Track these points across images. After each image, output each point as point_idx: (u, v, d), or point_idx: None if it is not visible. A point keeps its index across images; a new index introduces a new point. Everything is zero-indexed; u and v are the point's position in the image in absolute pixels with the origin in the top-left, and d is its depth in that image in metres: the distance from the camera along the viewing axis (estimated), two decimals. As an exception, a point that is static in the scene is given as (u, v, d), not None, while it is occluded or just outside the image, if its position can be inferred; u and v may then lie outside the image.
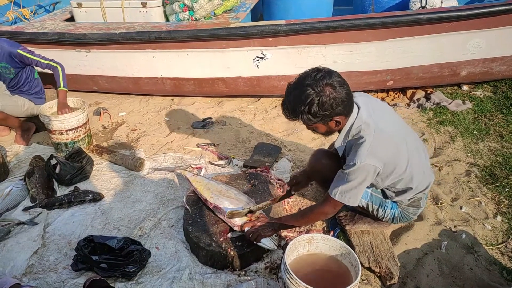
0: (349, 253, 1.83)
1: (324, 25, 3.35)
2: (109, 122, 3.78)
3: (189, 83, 3.92)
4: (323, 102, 1.74)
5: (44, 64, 3.31)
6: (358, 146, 1.83)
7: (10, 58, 3.24)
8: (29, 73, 3.46)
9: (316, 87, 1.74)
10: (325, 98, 1.74)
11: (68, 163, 2.84)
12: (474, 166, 2.84)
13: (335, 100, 1.76)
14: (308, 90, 1.75)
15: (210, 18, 3.86)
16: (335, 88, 1.75)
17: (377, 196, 2.12)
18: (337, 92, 1.76)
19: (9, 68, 3.29)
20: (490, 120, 3.36)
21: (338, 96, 1.76)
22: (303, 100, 1.77)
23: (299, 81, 1.81)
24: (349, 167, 1.83)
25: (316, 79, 1.75)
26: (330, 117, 1.81)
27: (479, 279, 2.01)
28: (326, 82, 1.75)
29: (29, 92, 3.49)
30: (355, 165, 1.81)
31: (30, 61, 3.30)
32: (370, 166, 1.81)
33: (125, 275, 2.04)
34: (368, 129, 1.85)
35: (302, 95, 1.77)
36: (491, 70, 3.62)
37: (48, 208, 2.59)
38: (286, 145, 3.23)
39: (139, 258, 2.07)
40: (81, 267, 2.08)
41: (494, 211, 2.45)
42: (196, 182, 2.52)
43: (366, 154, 1.80)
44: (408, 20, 3.28)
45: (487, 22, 3.29)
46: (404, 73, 3.62)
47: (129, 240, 2.17)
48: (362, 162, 1.80)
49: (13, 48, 3.24)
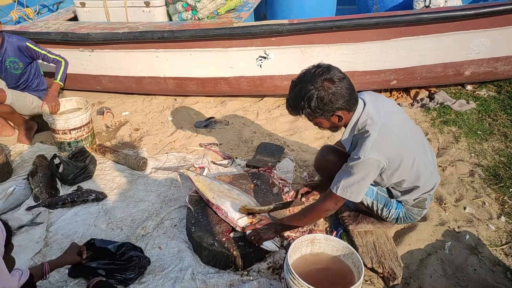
0: (352, 254, 1.82)
1: (327, 25, 3.34)
2: (112, 121, 3.79)
3: (192, 83, 3.92)
4: (322, 96, 1.77)
5: (51, 59, 3.36)
6: (363, 140, 1.83)
7: (19, 52, 3.29)
8: (36, 68, 3.50)
9: (315, 82, 1.78)
10: (323, 93, 1.77)
11: (71, 163, 2.84)
12: (478, 167, 2.82)
13: (334, 95, 1.78)
14: (307, 85, 1.79)
15: (213, 17, 3.86)
16: (334, 83, 1.78)
17: (383, 195, 2.11)
18: (337, 86, 1.78)
19: (18, 62, 3.31)
20: (494, 120, 3.34)
21: (338, 91, 1.78)
22: (302, 96, 1.80)
23: (300, 78, 1.85)
24: (353, 161, 1.83)
25: (315, 75, 1.79)
26: (331, 111, 1.83)
27: (483, 280, 2.00)
28: (325, 77, 1.78)
29: (38, 88, 3.52)
30: (359, 158, 1.81)
31: (38, 55, 3.34)
32: (374, 160, 1.81)
33: (122, 281, 2.00)
34: (374, 124, 1.84)
35: (302, 91, 1.81)
36: (495, 69, 3.60)
37: (51, 207, 2.59)
38: (289, 145, 3.22)
39: (138, 264, 2.05)
40: (78, 274, 2.06)
41: (498, 211, 2.44)
42: (198, 182, 2.52)
43: (370, 148, 1.80)
44: (412, 19, 3.26)
45: (492, 22, 3.27)
46: (408, 72, 3.61)
47: (131, 245, 2.14)
48: (366, 156, 1.79)
49: (22, 41, 3.29)
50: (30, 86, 3.48)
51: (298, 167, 2.94)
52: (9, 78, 3.39)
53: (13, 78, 3.40)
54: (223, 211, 2.23)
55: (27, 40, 3.34)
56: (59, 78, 3.31)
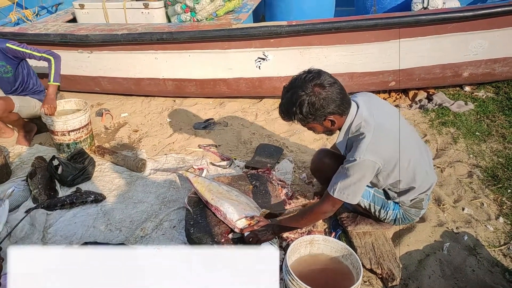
0: (350, 255, 1.82)
1: (326, 26, 3.34)
2: (111, 123, 3.79)
3: (191, 84, 3.93)
4: (313, 102, 1.79)
5: (38, 57, 3.20)
6: (358, 142, 1.84)
7: (2, 54, 3.18)
8: (27, 68, 3.41)
9: (306, 88, 1.80)
10: (314, 98, 1.79)
11: (70, 164, 2.84)
12: (476, 167, 2.83)
13: (325, 99, 1.80)
14: (298, 91, 1.81)
15: (212, 19, 3.87)
16: (324, 88, 1.80)
17: (379, 197, 2.12)
18: (327, 91, 1.80)
19: (5, 65, 3.23)
20: (493, 121, 3.35)
21: (329, 96, 1.80)
22: (294, 101, 1.82)
23: (291, 84, 1.87)
24: (349, 163, 1.84)
25: (305, 81, 1.81)
26: (323, 116, 1.85)
27: (481, 281, 2.01)
28: (315, 82, 1.80)
29: (36, 90, 3.48)
30: (354, 160, 1.82)
31: (22, 54, 3.21)
32: (370, 161, 1.82)
33: None
34: (368, 126, 1.86)
35: (293, 97, 1.83)
36: (493, 71, 3.61)
37: (50, 209, 2.59)
38: (288, 146, 3.23)
39: None
40: None
41: (496, 212, 2.44)
42: (197, 183, 2.52)
43: (365, 149, 1.81)
44: (410, 21, 3.28)
45: (490, 23, 3.28)
46: (406, 74, 3.62)
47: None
48: (361, 158, 1.81)
49: (2, 43, 3.17)
50: (28, 88, 3.43)
51: (297, 168, 2.95)
52: (3, 83, 3.34)
53: (7, 83, 3.34)
54: (222, 212, 2.24)
55: (6, 41, 3.21)
56: (52, 79, 3.16)
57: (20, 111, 3.29)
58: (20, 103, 3.28)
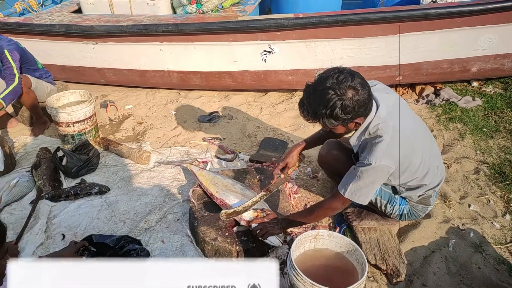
0: (355, 250, 1.81)
1: (333, 19, 3.31)
2: (116, 114, 3.78)
3: (196, 77, 3.91)
4: (346, 105, 1.69)
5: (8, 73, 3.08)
6: (375, 145, 1.78)
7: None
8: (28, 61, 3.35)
9: (339, 89, 1.68)
10: (348, 102, 1.69)
11: (74, 155, 2.84)
12: (483, 164, 2.80)
13: (358, 103, 1.70)
14: (330, 93, 1.68)
15: (217, 11, 3.84)
16: (357, 91, 1.70)
17: (386, 191, 2.09)
18: (360, 94, 1.70)
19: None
20: (500, 117, 3.31)
21: (361, 99, 1.70)
22: (325, 103, 1.70)
23: (320, 83, 1.73)
24: (363, 165, 1.79)
25: (338, 82, 1.69)
26: (351, 119, 1.77)
27: (487, 278, 1.99)
28: (348, 84, 1.68)
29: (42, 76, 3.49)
30: (370, 165, 1.77)
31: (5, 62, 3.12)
32: (385, 166, 1.78)
33: None
34: (387, 128, 1.79)
35: (323, 98, 1.70)
36: (502, 66, 3.56)
37: (54, 200, 2.59)
38: (293, 140, 3.21)
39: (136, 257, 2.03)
40: None
41: (503, 209, 2.42)
42: (202, 176, 2.51)
43: (382, 154, 1.76)
44: (419, 14, 3.23)
45: (500, 17, 3.23)
46: (414, 68, 3.58)
47: (129, 238, 2.13)
48: (377, 163, 1.76)
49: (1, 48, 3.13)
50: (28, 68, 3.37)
51: (302, 162, 2.93)
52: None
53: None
54: (227, 205, 2.23)
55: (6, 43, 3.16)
56: (1, 96, 3.01)
57: (36, 89, 3.33)
58: (34, 82, 3.33)
